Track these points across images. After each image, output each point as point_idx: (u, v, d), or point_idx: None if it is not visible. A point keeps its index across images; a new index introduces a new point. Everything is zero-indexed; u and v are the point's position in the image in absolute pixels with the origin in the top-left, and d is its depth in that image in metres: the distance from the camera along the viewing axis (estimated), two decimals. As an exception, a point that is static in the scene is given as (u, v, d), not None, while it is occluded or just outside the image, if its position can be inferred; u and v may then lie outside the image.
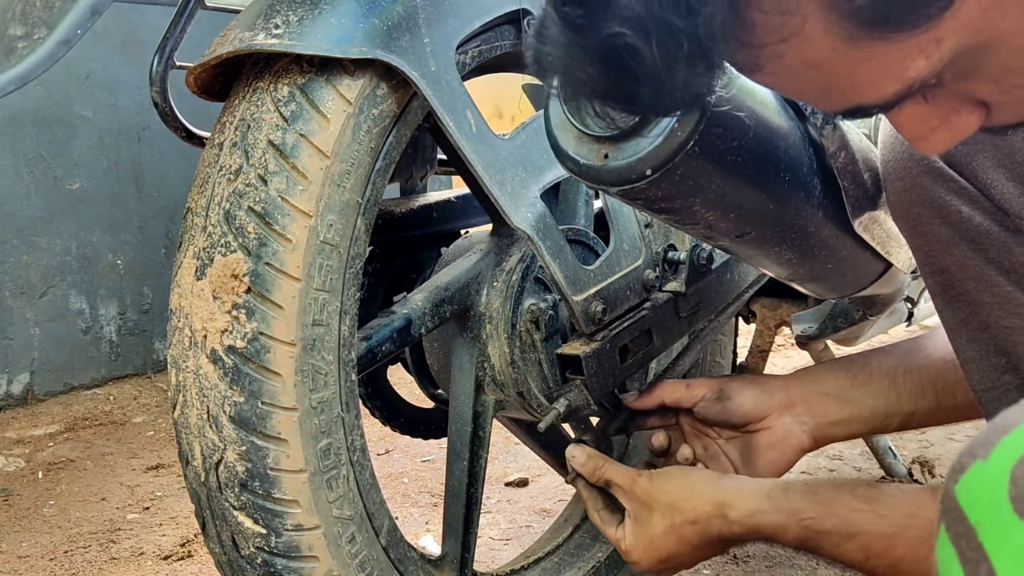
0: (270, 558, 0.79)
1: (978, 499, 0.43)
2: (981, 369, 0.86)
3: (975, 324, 0.86)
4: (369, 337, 0.92)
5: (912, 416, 0.99)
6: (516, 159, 0.93)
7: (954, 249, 0.84)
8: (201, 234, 0.79)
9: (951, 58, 0.47)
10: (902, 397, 0.99)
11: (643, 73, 0.47)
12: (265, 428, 0.77)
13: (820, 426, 1.00)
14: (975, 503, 0.43)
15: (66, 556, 1.73)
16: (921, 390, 0.99)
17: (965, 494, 0.44)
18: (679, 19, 0.44)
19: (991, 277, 0.82)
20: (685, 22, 0.44)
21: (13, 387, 2.74)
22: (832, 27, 0.46)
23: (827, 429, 1.00)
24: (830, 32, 0.46)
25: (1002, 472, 0.42)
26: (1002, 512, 0.41)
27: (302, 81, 0.79)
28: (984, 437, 0.44)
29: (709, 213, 0.76)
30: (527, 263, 1.02)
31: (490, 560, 1.60)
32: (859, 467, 1.93)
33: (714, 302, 1.14)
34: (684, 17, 0.44)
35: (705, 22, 0.45)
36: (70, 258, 2.86)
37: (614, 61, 0.47)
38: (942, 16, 0.45)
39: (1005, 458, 0.42)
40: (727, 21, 0.45)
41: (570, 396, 0.98)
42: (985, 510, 0.42)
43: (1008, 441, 0.43)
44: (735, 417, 1.00)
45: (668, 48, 0.45)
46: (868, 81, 0.49)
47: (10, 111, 2.66)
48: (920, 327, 2.47)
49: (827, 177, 0.86)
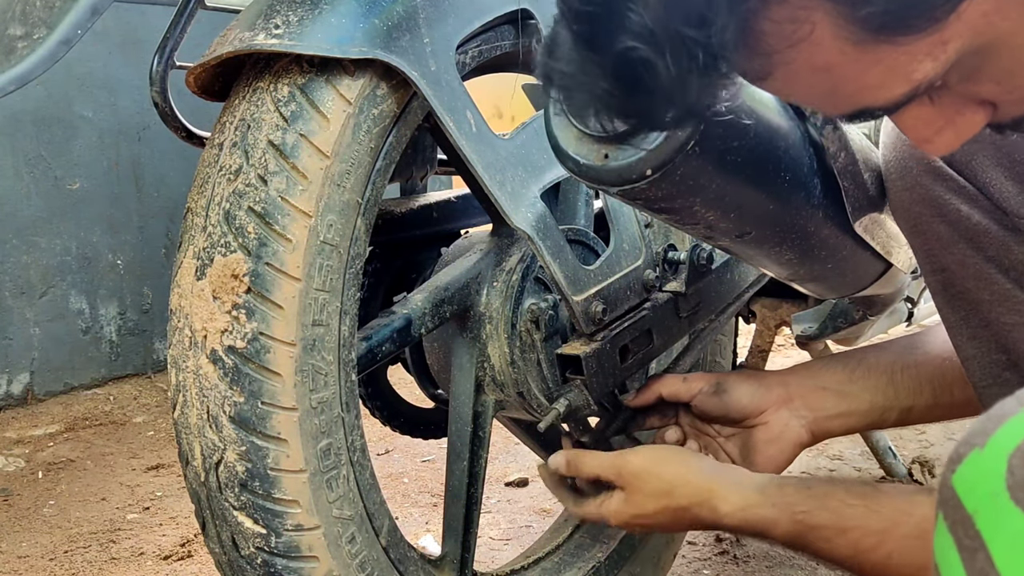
0: (270, 558, 0.79)
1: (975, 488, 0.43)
2: (982, 366, 0.86)
3: (975, 322, 0.86)
4: (369, 337, 0.92)
5: (910, 411, 1.00)
6: (516, 159, 0.93)
7: (954, 248, 0.85)
8: (201, 234, 0.79)
9: (956, 59, 0.48)
10: (900, 392, 0.99)
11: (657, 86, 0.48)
12: (265, 428, 0.77)
13: (818, 420, 1.00)
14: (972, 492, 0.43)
15: (66, 556, 1.73)
16: (919, 386, 0.99)
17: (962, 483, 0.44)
18: (692, 31, 0.45)
19: (990, 275, 0.83)
20: (698, 34, 0.45)
21: (13, 387, 2.74)
22: (841, 32, 0.46)
23: (825, 423, 1.00)
24: (839, 37, 0.46)
25: (999, 461, 0.42)
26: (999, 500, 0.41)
27: (302, 81, 0.79)
28: (980, 427, 0.44)
29: (709, 213, 0.76)
30: (527, 263, 1.02)
31: (490, 560, 1.60)
32: (859, 467, 1.93)
33: (714, 302, 1.14)
34: (697, 29, 0.45)
35: (717, 33, 0.45)
36: (70, 258, 2.86)
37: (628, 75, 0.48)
38: (947, 19, 0.45)
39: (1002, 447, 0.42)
40: (738, 31, 0.46)
41: (570, 396, 0.98)
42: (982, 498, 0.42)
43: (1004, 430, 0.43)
44: (732, 411, 1.00)
45: (682, 60, 0.46)
46: (876, 84, 0.50)
47: (10, 111, 2.66)
48: (920, 327, 2.47)
49: (827, 177, 0.87)
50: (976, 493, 0.43)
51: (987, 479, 0.42)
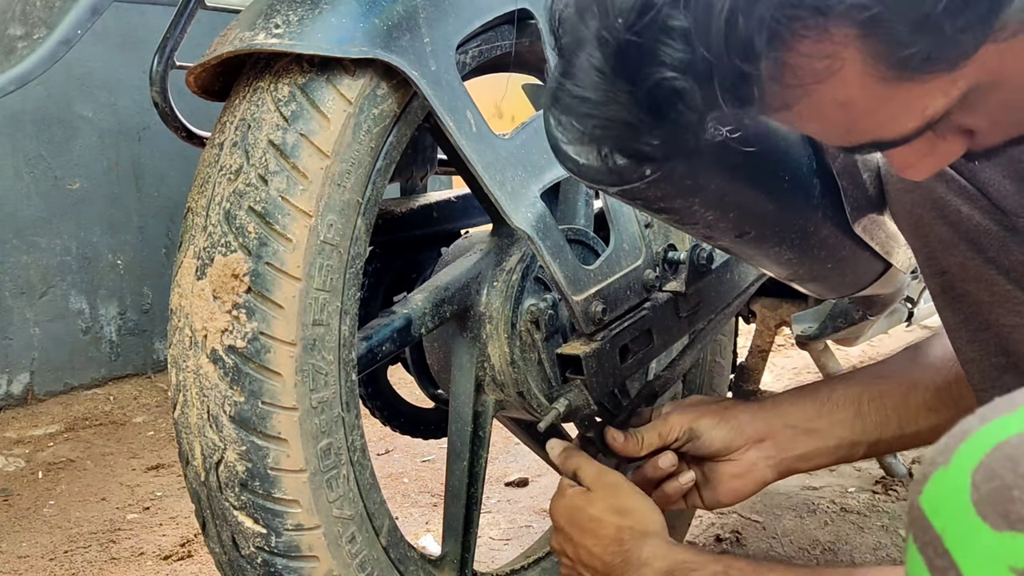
0: (270, 558, 0.79)
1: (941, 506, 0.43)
2: (982, 369, 0.86)
3: (976, 324, 0.86)
4: (369, 337, 0.92)
5: (877, 444, 1.02)
6: (516, 159, 0.93)
7: (954, 249, 0.85)
8: (201, 234, 0.79)
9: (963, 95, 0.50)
10: (867, 426, 1.01)
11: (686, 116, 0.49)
12: (265, 428, 0.77)
13: (786, 460, 1.02)
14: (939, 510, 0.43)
15: (66, 556, 1.73)
16: (885, 418, 1.01)
17: (929, 502, 0.44)
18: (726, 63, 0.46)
19: (991, 276, 0.83)
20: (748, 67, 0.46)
21: (13, 387, 2.74)
22: (869, 69, 0.47)
23: (793, 464, 1.02)
24: (865, 74, 0.48)
25: (963, 477, 0.42)
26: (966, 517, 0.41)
27: (302, 81, 0.79)
28: (943, 445, 0.45)
29: (708, 213, 0.76)
30: (527, 263, 1.02)
31: (490, 560, 1.60)
32: (859, 467, 1.93)
33: (714, 302, 1.14)
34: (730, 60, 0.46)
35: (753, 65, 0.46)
36: (70, 258, 2.86)
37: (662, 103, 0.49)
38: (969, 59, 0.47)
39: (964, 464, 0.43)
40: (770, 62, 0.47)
41: (570, 396, 0.98)
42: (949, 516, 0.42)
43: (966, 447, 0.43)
44: (705, 453, 1.03)
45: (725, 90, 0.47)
46: (891, 119, 0.51)
47: (10, 111, 2.66)
48: (920, 327, 2.47)
49: (826, 177, 0.87)
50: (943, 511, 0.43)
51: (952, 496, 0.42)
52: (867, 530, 1.62)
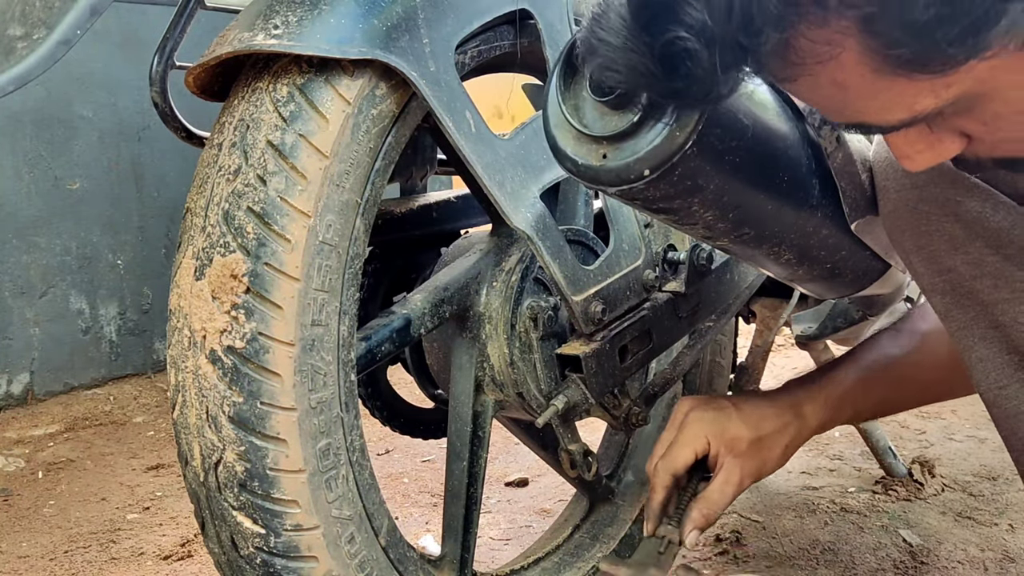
0: (269, 558, 0.79)
1: None
2: (996, 367, 0.87)
3: (986, 322, 0.86)
4: (368, 337, 0.92)
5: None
6: (516, 159, 0.93)
7: (968, 247, 0.84)
8: (200, 234, 0.79)
9: (954, 99, 0.54)
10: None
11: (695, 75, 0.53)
12: (264, 428, 0.77)
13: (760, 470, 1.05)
14: None
15: (66, 556, 1.74)
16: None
17: None
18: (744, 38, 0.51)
19: (1011, 273, 0.83)
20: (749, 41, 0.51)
21: (13, 387, 2.74)
22: (865, 59, 0.51)
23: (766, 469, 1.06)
24: (862, 63, 0.52)
25: None
26: None
27: (301, 81, 0.79)
28: None
29: (708, 213, 0.76)
30: (527, 263, 1.02)
31: (490, 560, 1.60)
32: (859, 467, 1.93)
33: (714, 302, 1.14)
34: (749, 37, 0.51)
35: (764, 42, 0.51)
36: (70, 258, 2.86)
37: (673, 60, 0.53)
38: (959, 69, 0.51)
39: None
40: (779, 43, 0.51)
41: (568, 393, 0.98)
42: None
43: None
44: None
45: (727, 59, 0.52)
46: (881, 107, 0.55)
47: (10, 111, 2.66)
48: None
49: (826, 177, 0.86)
50: None
51: None
52: (867, 530, 1.62)
